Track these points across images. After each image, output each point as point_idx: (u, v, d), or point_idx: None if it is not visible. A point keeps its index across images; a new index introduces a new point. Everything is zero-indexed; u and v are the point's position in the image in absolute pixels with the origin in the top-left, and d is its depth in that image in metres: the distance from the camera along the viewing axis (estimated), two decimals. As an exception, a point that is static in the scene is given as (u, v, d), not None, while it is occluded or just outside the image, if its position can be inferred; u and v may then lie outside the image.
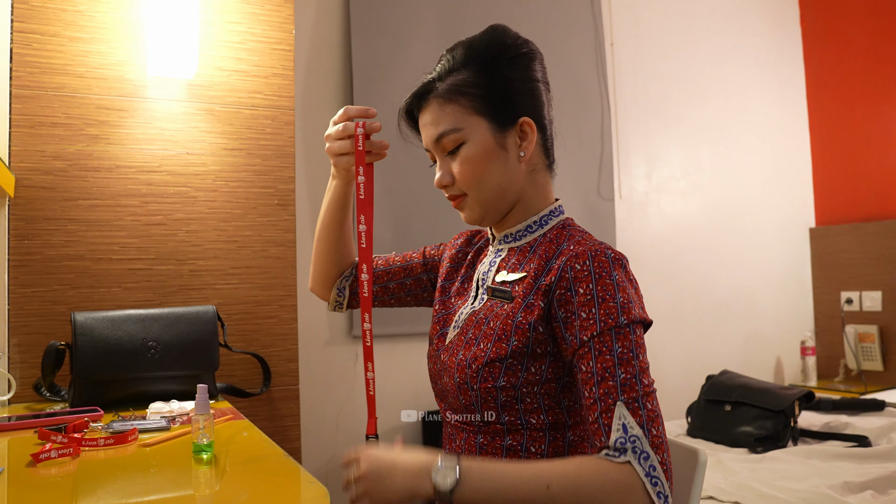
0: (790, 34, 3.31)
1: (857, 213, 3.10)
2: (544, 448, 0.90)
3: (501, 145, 0.95)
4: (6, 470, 0.98)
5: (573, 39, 2.69)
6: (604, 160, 2.72)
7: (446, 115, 0.95)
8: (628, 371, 0.81)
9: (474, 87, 0.94)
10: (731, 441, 2.12)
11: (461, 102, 0.94)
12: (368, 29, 2.30)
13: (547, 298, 0.89)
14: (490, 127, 0.94)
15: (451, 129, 0.95)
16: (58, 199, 1.66)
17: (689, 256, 2.93)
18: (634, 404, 0.80)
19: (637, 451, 0.77)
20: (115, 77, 1.72)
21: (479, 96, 0.94)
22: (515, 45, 0.98)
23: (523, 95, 0.96)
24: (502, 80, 0.95)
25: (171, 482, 0.97)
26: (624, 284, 0.86)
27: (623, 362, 0.82)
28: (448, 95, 0.95)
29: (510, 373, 0.89)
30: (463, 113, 0.94)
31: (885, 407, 2.39)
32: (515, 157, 0.96)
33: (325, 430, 2.20)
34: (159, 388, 1.54)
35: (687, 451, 1.03)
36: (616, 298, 0.84)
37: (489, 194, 0.96)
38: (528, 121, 0.95)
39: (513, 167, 0.96)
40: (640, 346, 0.84)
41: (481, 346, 0.92)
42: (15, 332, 1.61)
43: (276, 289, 1.87)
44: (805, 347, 3.00)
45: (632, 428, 0.79)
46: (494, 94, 0.94)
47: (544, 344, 0.89)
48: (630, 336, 0.83)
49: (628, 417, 0.79)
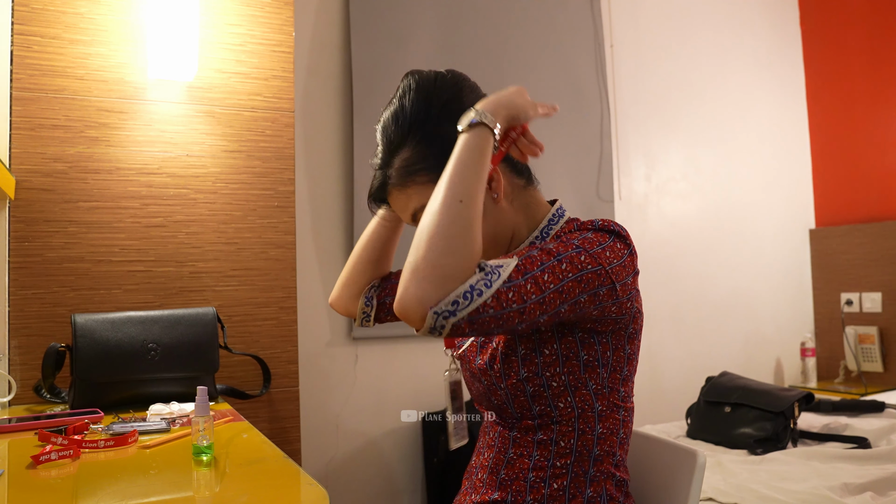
0: (790, 35, 3.31)
1: (857, 215, 3.10)
2: (573, 443, 0.91)
3: None
4: (6, 472, 0.98)
5: (573, 41, 2.69)
6: (603, 161, 2.73)
7: (410, 197, 0.95)
8: (542, 258, 0.82)
9: (420, 161, 0.93)
10: (731, 442, 2.12)
11: (417, 181, 0.94)
12: (368, 31, 2.30)
13: None
14: None
15: (421, 206, 0.93)
16: (58, 201, 1.66)
17: (688, 258, 2.93)
18: (522, 269, 0.80)
19: (488, 276, 0.78)
20: (116, 79, 1.73)
21: (429, 168, 0.93)
22: (436, 95, 0.95)
23: None
24: (443, 140, 0.92)
25: (171, 484, 0.97)
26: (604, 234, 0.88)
27: (545, 251, 0.83)
28: (403, 180, 0.95)
29: (527, 362, 0.90)
30: (424, 189, 0.93)
31: (885, 408, 2.39)
32: (490, 202, 0.94)
33: (325, 432, 2.20)
34: (159, 389, 1.55)
35: (686, 453, 1.03)
36: (584, 234, 0.88)
37: (485, 245, 0.95)
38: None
39: (493, 212, 0.95)
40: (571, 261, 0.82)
41: (493, 344, 0.94)
42: (15, 333, 1.61)
43: (276, 290, 1.87)
44: (805, 349, 3.00)
45: (504, 270, 0.79)
46: (442, 159, 0.90)
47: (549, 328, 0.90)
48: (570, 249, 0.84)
49: (510, 266, 0.80)
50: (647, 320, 3.07)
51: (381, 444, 2.28)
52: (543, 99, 1.00)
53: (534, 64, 2.59)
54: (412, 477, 2.30)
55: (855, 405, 2.41)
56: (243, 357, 1.81)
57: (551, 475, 0.91)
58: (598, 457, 0.92)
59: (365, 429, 2.26)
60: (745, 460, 1.97)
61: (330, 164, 2.27)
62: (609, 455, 0.93)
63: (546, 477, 0.91)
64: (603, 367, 0.91)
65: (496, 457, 0.96)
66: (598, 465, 0.92)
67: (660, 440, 1.09)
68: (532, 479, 0.92)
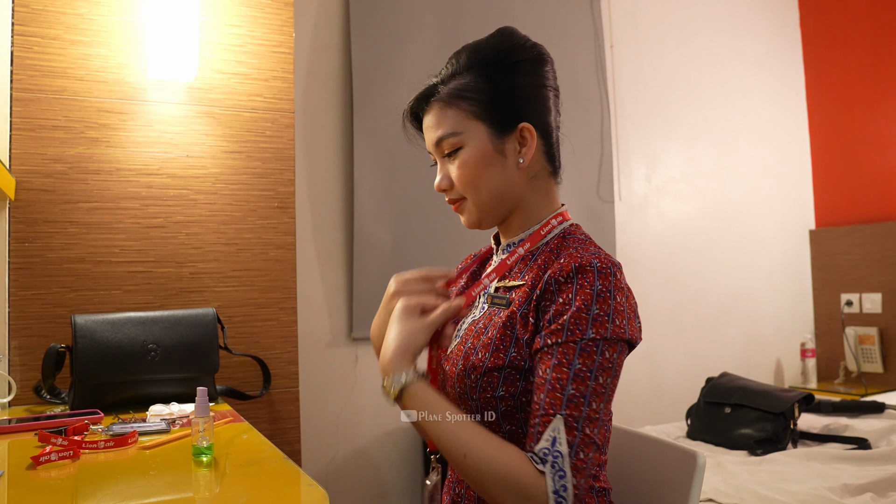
0: (790, 36, 3.31)
1: (857, 215, 3.10)
2: None
3: (500, 151, 0.95)
4: (6, 473, 0.98)
5: (573, 42, 2.69)
6: (603, 162, 2.73)
7: (446, 118, 0.95)
8: (579, 389, 0.80)
9: (475, 91, 0.94)
10: (731, 443, 2.12)
11: (461, 107, 0.94)
12: (368, 32, 2.30)
13: (537, 313, 0.88)
14: (489, 132, 0.94)
15: (450, 132, 0.95)
16: (58, 202, 1.66)
17: (688, 258, 2.93)
18: (573, 423, 0.79)
19: (556, 466, 0.77)
20: (116, 80, 1.73)
21: (479, 101, 0.94)
22: (522, 50, 0.97)
23: (525, 101, 0.95)
24: (503, 85, 0.94)
25: (171, 485, 0.97)
26: (606, 296, 0.84)
27: (577, 379, 0.80)
28: (449, 99, 0.95)
29: (508, 382, 0.89)
30: (462, 117, 0.94)
31: (885, 409, 2.38)
32: (514, 162, 0.95)
33: (325, 433, 2.20)
34: (159, 390, 1.55)
35: (686, 454, 1.03)
36: (591, 310, 0.83)
37: (486, 199, 0.96)
38: (528, 126, 0.95)
39: (511, 173, 0.96)
40: (603, 369, 0.81)
41: (479, 355, 0.91)
42: (15, 334, 1.61)
43: (276, 291, 1.87)
44: (805, 349, 2.99)
45: (560, 444, 0.78)
46: (494, 99, 0.94)
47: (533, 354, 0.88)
48: (595, 355, 0.81)
49: (561, 433, 0.78)
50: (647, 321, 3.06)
51: (382, 445, 2.28)
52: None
53: (534, 65, 2.59)
54: (412, 477, 2.30)
55: (855, 406, 2.41)
56: (243, 358, 1.81)
57: None
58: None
59: (365, 429, 2.26)
60: (745, 461, 1.97)
61: (330, 164, 2.27)
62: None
63: None
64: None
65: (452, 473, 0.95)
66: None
67: (660, 441, 1.09)
68: None
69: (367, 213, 2.24)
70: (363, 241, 2.23)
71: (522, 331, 0.89)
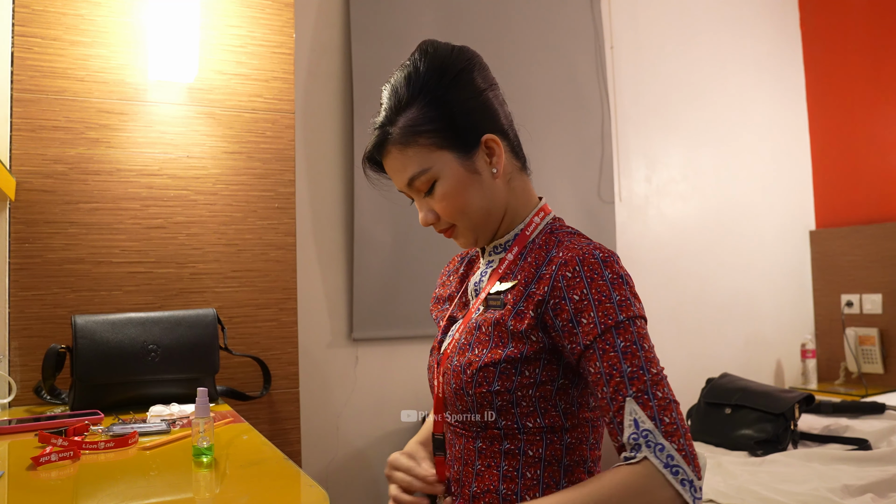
0: (790, 37, 3.31)
1: (858, 216, 3.10)
2: (542, 451, 0.90)
3: (473, 170, 0.93)
4: (6, 473, 0.98)
5: (573, 42, 2.69)
6: (604, 163, 2.73)
7: (409, 159, 0.93)
8: (633, 363, 0.82)
9: (427, 122, 0.92)
10: (732, 444, 2.12)
11: (420, 142, 0.92)
12: (369, 32, 2.30)
13: (540, 309, 0.88)
14: (456, 157, 0.93)
15: (419, 171, 0.93)
16: (58, 203, 1.67)
17: (689, 259, 2.93)
18: (644, 396, 0.80)
19: (651, 444, 0.78)
20: (116, 81, 1.73)
21: (435, 130, 0.92)
22: (453, 61, 0.95)
23: (477, 112, 0.94)
24: (452, 106, 0.92)
25: (172, 485, 0.97)
26: (619, 282, 0.86)
27: (627, 355, 0.82)
28: (405, 139, 0.92)
29: (504, 377, 0.89)
30: (425, 152, 0.92)
31: (886, 410, 2.38)
32: (489, 175, 0.95)
33: (325, 433, 2.20)
34: (159, 391, 1.55)
35: (686, 455, 1.02)
36: (612, 298, 0.84)
37: (477, 220, 0.95)
38: (490, 137, 0.94)
39: (490, 186, 0.95)
40: (643, 337, 0.84)
41: (475, 351, 0.92)
42: (15, 335, 1.61)
43: (277, 292, 1.87)
44: (805, 350, 2.99)
45: (643, 422, 0.79)
46: (449, 123, 0.92)
47: (538, 350, 0.89)
48: (631, 328, 0.83)
49: (639, 412, 0.79)
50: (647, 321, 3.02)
51: (382, 446, 2.27)
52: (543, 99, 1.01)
53: (534, 65, 2.59)
54: (412, 478, 2.30)
55: (855, 407, 2.41)
56: (243, 358, 1.81)
57: (523, 486, 0.90)
58: (568, 466, 0.91)
59: (365, 430, 2.26)
60: (746, 462, 1.97)
61: (330, 165, 2.27)
62: (580, 464, 0.92)
63: (517, 489, 0.90)
64: (575, 388, 0.91)
65: (465, 469, 0.95)
66: (569, 476, 0.91)
67: (660, 442, 1.09)
68: (504, 492, 0.90)
69: (367, 213, 2.24)
70: (363, 242, 2.23)
71: (517, 324, 0.89)
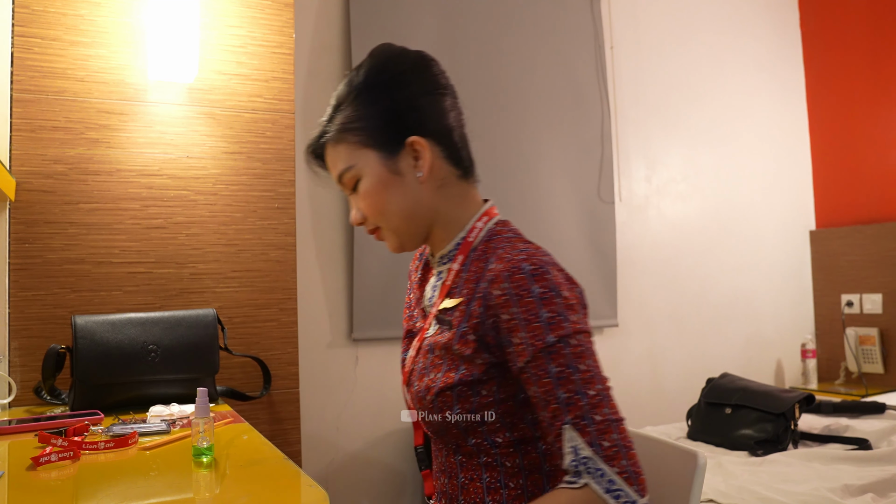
0: (790, 37, 3.31)
1: (858, 216, 3.10)
2: (519, 461, 0.90)
3: (395, 171, 0.94)
4: (6, 473, 0.98)
5: (573, 43, 2.69)
6: (604, 163, 2.73)
7: (339, 155, 0.96)
8: (569, 388, 0.79)
9: (356, 120, 0.94)
10: (732, 444, 2.12)
11: (348, 140, 0.94)
12: (368, 32, 2.30)
13: (479, 331, 0.87)
14: (379, 156, 0.93)
15: (345, 168, 0.95)
16: (58, 203, 1.67)
17: (689, 259, 2.93)
18: (581, 422, 0.78)
19: (591, 470, 0.77)
20: (116, 81, 1.73)
21: (362, 129, 0.93)
22: (396, 62, 0.96)
23: (410, 113, 0.94)
24: (384, 105, 0.94)
25: (172, 485, 0.97)
26: (549, 296, 0.82)
27: (562, 380, 0.80)
28: (337, 136, 0.95)
29: (463, 399, 0.88)
30: (352, 150, 0.94)
31: (886, 410, 2.38)
32: (414, 178, 0.94)
33: (326, 434, 2.20)
34: (159, 391, 1.54)
35: (687, 455, 1.03)
36: (540, 316, 0.81)
37: (397, 222, 0.96)
38: (416, 140, 0.93)
39: (413, 190, 0.94)
40: (578, 356, 0.81)
41: (431, 375, 0.92)
42: (15, 335, 1.61)
43: (277, 292, 1.87)
44: (805, 350, 2.99)
45: (582, 449, 0.78)
46: (376, 123, 0.93)
47: (489, 369, 0.87)
48: (564, 350, 0.81)
49: (577, 439, 0.78)
50: (647, 321, 3.05)
51: (382, 446, 2.27)
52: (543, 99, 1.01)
53: (534, 65, 2.59)
54: (413, 478, 2.30)
55: (855, 406, 2.41)
56: (243, 359, 1.81)
57: (507, 497, 0.89)
58: (549, 472, 0.90)
59: (365, 430, 2.26)
60: (746, 462, 1.97)
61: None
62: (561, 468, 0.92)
63: (503, 500, 0.89)
64: None
65: (450, 482, 0.95)
66: (553, 481, 0.90)
67: (661, 441, 1.09)
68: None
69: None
70: (363, 242, 2.23)
71: (463, 348, 0.88)
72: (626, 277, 2.77)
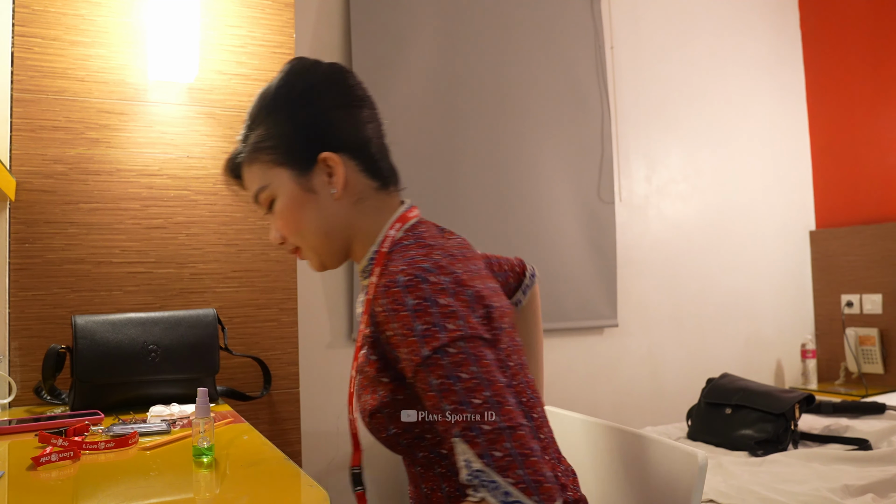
0: (790, 37, 3.31)
1: (858, 216, 3.10)
2: None
3: (308, 189, 0.92)
4: (7, 473, 0.98)
5: (573, 43, 2.69)
6: (604, 163, 2.73)
7: (253, 175, 0.95)
8: (452, 399, 0.75)
9: (268, 139, 0.92)
10: (732, 444, 2.12)
11: (261, 159, 0.93)
12: (369, 32, 2.30)
13: (378, 348, 0.85)
14: (291, 174, 0.92)
15: (259, 188, 0.94)
16: (58, 203, 1.66)
17: (689, 259, 2.93)
18: (469, 433, 0.74)
19: (485, 483, 0.72)
20: (116, 81, 1.73)
21: (273, 147, 0.92)
22: (307, 77, 0.95)
23: (322, 128, 0.92)
24: (295, 122, 0.92)
25: (172, 485, 0.97)
26: (423, 307, 0.78)
27: (444, 392, 0.76)
28: (250, 156, 0.94)
29: (394, 419, 0.86)
30: (265, 169, 0.93)
31: (886, 410, 2.38)
32: (328, 195, 0.92)
33: (326, 434, 2.20)
34: (160, 391, 1.54)
35: (687, 455, 1.03)
36: (415, 330, 0.77)
37: (314, 241, 0.94)
38: (328, 156, 0.91)
39: (328, 206, 0.93)
40: (458, 365, 0.76)
41: (364, 397, 0.90)
42: (15, 335, 1.61)
43: (277, 292, 1.87)
44: (805, 350, 2.99)
45: (473, 462, 0.73)
46: (287, 140, 0.91)
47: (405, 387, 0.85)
48: (442, 361, 0.76)
49: (468, 452, 0.74)
50: (647, 321, 3.05)
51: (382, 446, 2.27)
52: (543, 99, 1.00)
53: (534, 65, 2.59)
54: (412, 479, 2.30)
55: (855, 407, 2.41)
56: (244, 359, 1.81)
57: None
58: None
59: (365, 430, 2.25)
60: (746, 462, 1.97)
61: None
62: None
63: None
64: None
65: (416, 492, 0.94)
66: None
67: (661, 442, 1.09)
68: None
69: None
70: (363, 242, 2.23)
71: (371, 369, 0.87)
72: (626, 277, 2.77)
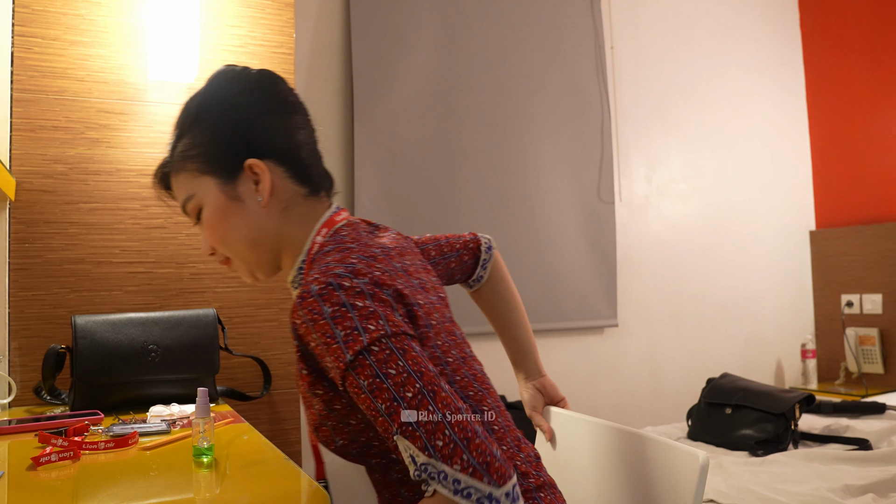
0: (790, 37, 3.31)
1: (858, 216, 3.10)
2: None
3: (234, 197, 0.91)
4: (7, 474, 0.98)
5: (573, 43, 2.69)
6: (604, 163, 2.73)
7: (180, 185, 0.93)
8: (384, 398, 0.74)
9: (193, 147, 0.91)
10: (732, 444, 2.12)
11: (188, 168, 0.92)
12: (369, 32, 2.30)
13: (307, 360, 0.83)
14: (217, 183, 0.91)
15: (185, 198, 0.93)
16: (58, 203, 1.66)
17: (689, 259, 2.93)
18: (408, 428, 0.73)
19: (434, 475, 0.71)
20: (116, 81, 1.73)
21: (199, 156, 0.91)
22: (233, 83, 0.94)
23: (248, 135, 0.91)
24: (219, 131, 0.91)
25: (172, 486, 0.97)
26: (341, 313, 0.76)
27: (375, 392, 0.74)
28: (178, 166, 0.93)
29: (338, 430, 0.85)
30: (192, 178, 0.92)
31: (886, 410, 2.38)
32: (255, 203, 0.91)
33: (326, 434, 2.20)
34: (160, 391, 1.54)
35: (688, 455, 1.02)
36: (336, 337, 0.76)
37: (241, 250, 0.93)
38: (253, 163, 0.90)
39: (255, 215, 0.91)
40: (385, 362, 0.75)
41: (307, 412, 0.88)
42: (15, 335, 1.61)
43: (277, 292, 1.87)
44: (805, 350, 2.99)
45: (418, 457, 0.72)
46: (213, 148, 0.90)
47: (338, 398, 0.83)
48: (367, 361, 0.75)
49: (411, 447, 0.72)
50: (647, 321, 3.05)
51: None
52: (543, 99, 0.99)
53: (534, 65, 2.60)
54: (412, 479, 2.30)
55: (856, 407, 2.41)
56: (244, 359, 1.81)
57: None
58: None
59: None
60: (746, 462, 1.97)
61: (330, 165, 2.24)
62: None
63: None
64: None
65: (380, 498, 0.93)
66: None
67: (661, 442, 1.09)
68: None
69: (367, 213, 2.24)
70: (363, 242, 2.23)
71: (303, 383, 0.85)
72: (626, 277, 2.77)
